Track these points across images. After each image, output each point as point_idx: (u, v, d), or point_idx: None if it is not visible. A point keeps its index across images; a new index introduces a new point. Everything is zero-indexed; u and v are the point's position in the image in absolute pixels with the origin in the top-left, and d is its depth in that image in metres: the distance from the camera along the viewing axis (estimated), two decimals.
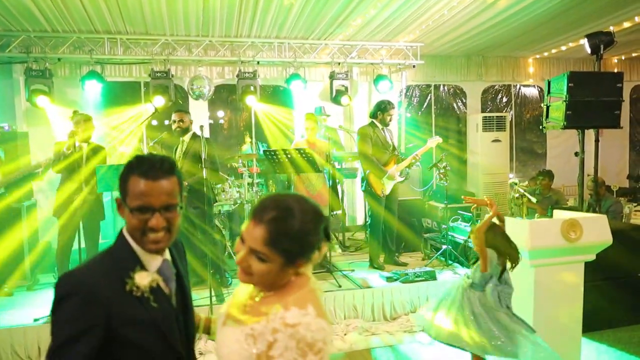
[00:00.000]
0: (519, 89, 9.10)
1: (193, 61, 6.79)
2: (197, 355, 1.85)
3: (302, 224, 1.31)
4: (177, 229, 1.50)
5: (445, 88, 8.77)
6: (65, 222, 4.56)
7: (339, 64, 7.21)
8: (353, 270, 5.51)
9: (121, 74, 6.72)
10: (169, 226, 1.45)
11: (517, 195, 3.79)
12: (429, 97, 8.66)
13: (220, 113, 8.28)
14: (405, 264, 5.68)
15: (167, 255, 1.54)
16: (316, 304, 1.31)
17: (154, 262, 1.48)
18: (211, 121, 8.37)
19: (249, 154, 6.49)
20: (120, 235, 1.49)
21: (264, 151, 5.42)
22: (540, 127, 5.15)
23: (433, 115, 8.69)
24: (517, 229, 3.56)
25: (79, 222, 4.54)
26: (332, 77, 7.20)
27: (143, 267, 1.45)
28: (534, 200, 3.94)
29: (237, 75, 6.74)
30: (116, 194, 1.54)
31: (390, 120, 5.58)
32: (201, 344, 4.05)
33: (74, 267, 1.45)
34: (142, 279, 1.42)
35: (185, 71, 6.94)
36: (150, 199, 1.41)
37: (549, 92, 5.04)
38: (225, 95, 7.98)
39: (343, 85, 7.19)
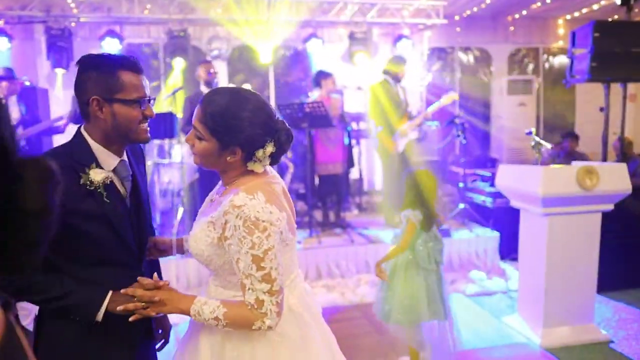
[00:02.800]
0: (547, 57, 8.75)
1: (211, 21, 6.76)
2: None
3: (229, 106, 1.42)
4: None
5: (470, 51, 8.51)
6: None
7: (358, 23, 7.05)
8: (367, 229, 5.50)
9: (139, 35, 6.76)
10: None
11: (532, 143, 3.65)
12: (452, 60, 8.42)
13: (239, 75, 8.26)
14: None
15: (124, 156, 1.60)
16: (268, 194, 1.42)
17: (110, 160, 1.55)
18: (232, 85, 8.37)
19: None
20: (78, 133, 1.55)
21: (277, 105, 5.39)
22: (563, 81, 4.94)
23: (457, 79, 8.45)
24: (530, 175, 3.45)
25: None
26: (351, 38, 7.06)
27: (99, 165, 1.51)
28: (548, 146, 3.79)
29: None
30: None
31: (402, 76, 5.50)
32: None
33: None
34: (97, 175, 1.49)
35: (203, 31, 6.92)
36: (144, 90, 1.53)
37: (573, 44, 4.81)
38: (245, 57, 7.94)
39: (361, 47, 7.05)
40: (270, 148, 1.46)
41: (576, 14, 7.99)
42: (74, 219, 1.44)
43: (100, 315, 1.47)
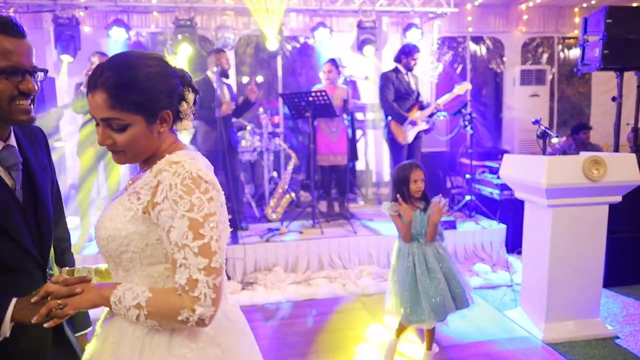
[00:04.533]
0: (561, 47, 8.52)
1: (218, 9, 6.72)
2: None
3: (131, 71, 1.18)
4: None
5: (482, 40, 8.33)
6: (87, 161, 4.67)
7: (367, 12, 6.94)
8: (372, 220, 5.43)
9: (147, 24, 6.75)
10: (34, 97, 1.29)
11: (539, 132, 3.54)
12: (463, 50, 8.25)
13: (246, 64, 8.21)
14: None
15: (10, 140, 1.34)
16: (205, 164, 1.25)
17: None
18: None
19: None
20: None
21: (280, 94, 5.34)
22: (575, 69, 4.80)
23: (468, 70, 8.29)
24: (534, 165, 3.35)
25: (99, 161, 4.64)
26: (360, 27, 6.96)
27: None
28: (554, 136, 3.68)
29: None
30: None
31: (414, 65, 5.42)
32: None
33: None
34: None
35: (210, 21, 6.88)
36: (20, 58, 1.23)
37: (585, 31, 4.66)
38: (252, 47, 7.89)
39: (370, 36, 6.94)
40: (190, 95, 1.26)
41: (593, 1, 7.76)
42: None
43: (6, 330, 1.20)
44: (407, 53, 5.36)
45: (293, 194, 5.63)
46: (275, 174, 6.19)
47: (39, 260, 1.36)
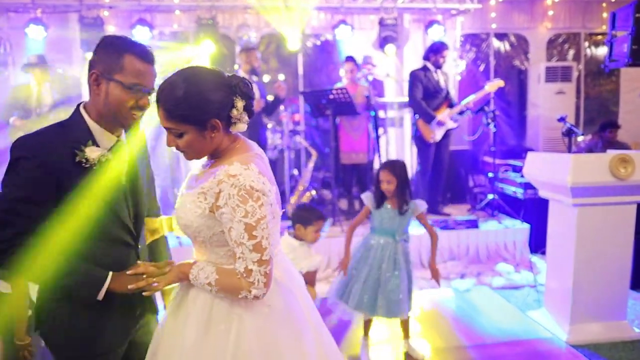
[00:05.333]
0: (588, 43, 8.32)
1: (240, 8, 6.75)
2: None
3: (184, 89, 1.42)
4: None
5: (506, 37, 8.19)
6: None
7: (388, 9, 6.89)
8: None
9: (169, 24, 6.82)
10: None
11: (564, 130, 3.46)
12: (486, 47, 8.13)
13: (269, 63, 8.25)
14: (448, 215, 5.47)
15: (123, 136, 1.63)
16: (260, 166, 1.47)
17: (107, 140, 1.57)
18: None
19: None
20: (77, 111, 1.56)
21: (301, 92, 5.35)
22: (602, 66, 4.67)
23: (491, 67, 8.17)
24: (558, 163, 3.29)
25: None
26: (381, 24, 6.91)
27: (95, 144, 1.54)
28: (580, 133, 3.60)
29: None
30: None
31: (443, 62, 5.40)
32: None
33: (29, 133, 1.53)
34: (92, 152, 1.51)
35: (232, 19, 6.92)
36: (146, 80, 1.53)
37: (613, 26, 4.53)
38: (274, 45, 7.91)
39: (392, 33, 6.89)
40: (240, 102, 1.47)
41: None
42: (70, 195, 1.47)
43: (101, 295, 1.52)
44: (435, 51, 5.33)
45: (314, 192, 5.64)
46: (296, 171, 6.20)
47: (134, 233, 1.65)
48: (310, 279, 2.91)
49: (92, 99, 1.55)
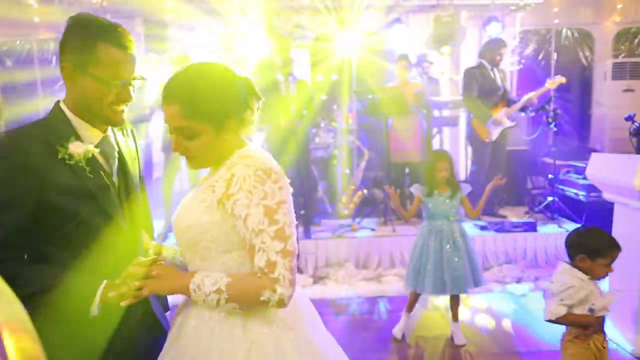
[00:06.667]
0: None
1: (295, 8, 6.84)
2: None
3: (201, 82, 1.27)
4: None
5: (569, 33, 7.82)
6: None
7: (444, 6, 6.75)
8: None
9: (229, 23, 7.02)
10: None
11: (632, 129, 3.29)
12: (548, 44, 7.80)
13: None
14: (504, 217, 5.32)
15: (108, 132, 1.48)
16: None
17: (91, 136, 1.42)
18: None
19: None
20: (56, 105, 1.42)
21: (354, 91, 5.36)
22: None
23: (552, 65, 7.83)
24: (625, 165, 3.13)
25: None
26: (437, 22, 6.79)
27: (79, 139, 1.39)
28: None
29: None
30: None
31: (500, 60, 5.24)
32: None
33: (3, 132, 1.45)
34: (77, 148, 1.35)
35: (287, 19, 7.02)
36: (124, 71, 1.36)
37: None
38: (328, 45, 7.94)
39: (448, 31, 6.75)
40: (253, 102, 1.36)
41: None
42: (56, 196, 1.32)
43: (95, 309, 1.30)
44: (492, 48, 5.18)
45: (365, 191, 5.63)
46: (347, 170, 6.22)
47: (132, 240, 1.49)
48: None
49: (68, 94, 1.41)
